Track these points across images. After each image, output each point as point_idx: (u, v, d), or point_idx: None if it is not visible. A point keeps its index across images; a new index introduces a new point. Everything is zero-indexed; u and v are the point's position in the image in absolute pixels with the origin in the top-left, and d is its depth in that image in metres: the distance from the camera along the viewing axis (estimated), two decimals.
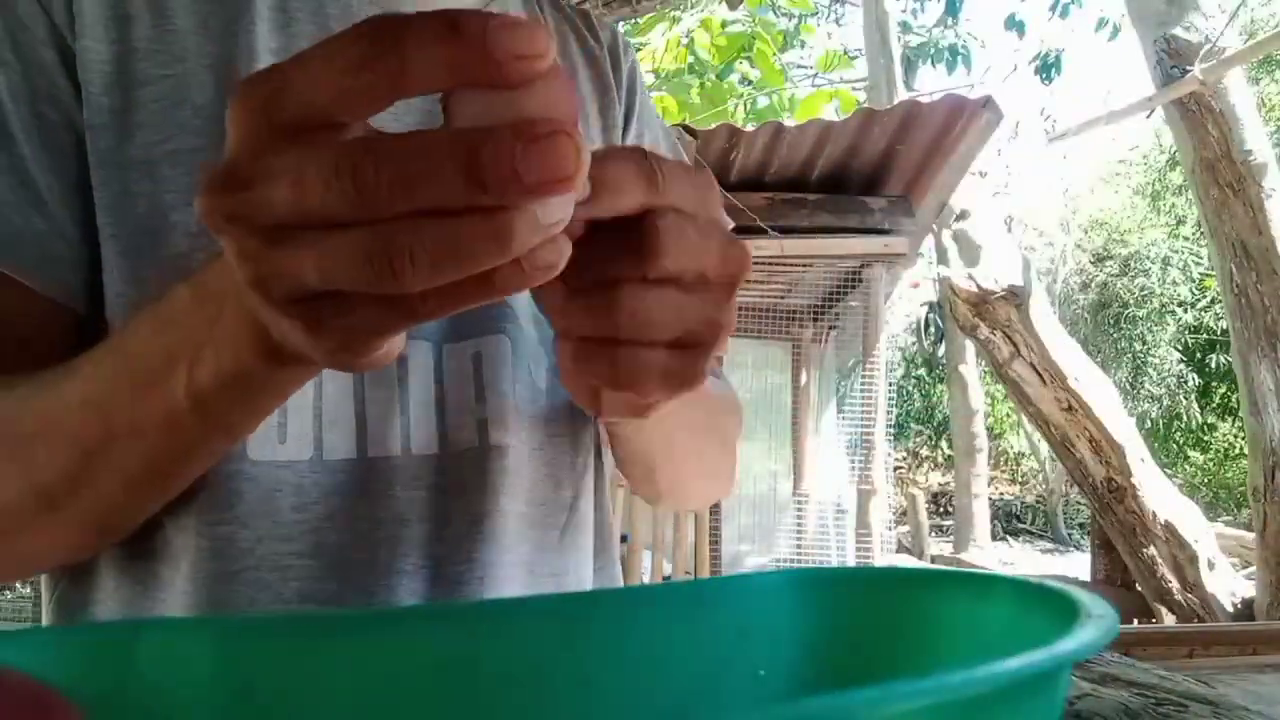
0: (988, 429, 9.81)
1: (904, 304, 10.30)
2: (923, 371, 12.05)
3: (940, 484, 12.30)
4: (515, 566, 0.58)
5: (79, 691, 0.25)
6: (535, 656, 0.38)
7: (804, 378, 5.44)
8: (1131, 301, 10.73)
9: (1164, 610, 4.60)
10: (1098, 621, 0.25)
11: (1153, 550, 4.66)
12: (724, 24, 7.16)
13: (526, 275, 0.28)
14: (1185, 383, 10.72)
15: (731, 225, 0.37)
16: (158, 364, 0.40)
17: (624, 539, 3.50)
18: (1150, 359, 10.68)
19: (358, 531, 0.54)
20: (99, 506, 0.47)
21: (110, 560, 0.55)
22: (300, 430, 0.53)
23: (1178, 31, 4.20)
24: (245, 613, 0.51)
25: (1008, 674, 0.21)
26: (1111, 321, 10.85)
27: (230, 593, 0.51)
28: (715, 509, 4.08)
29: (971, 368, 8.84)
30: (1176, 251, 10.78)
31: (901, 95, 6.85)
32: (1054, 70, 10.00)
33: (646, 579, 3.61)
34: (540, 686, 0.38)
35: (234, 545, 0.52)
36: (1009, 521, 11.46)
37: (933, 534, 9.60)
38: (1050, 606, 0.29)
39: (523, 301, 0.60)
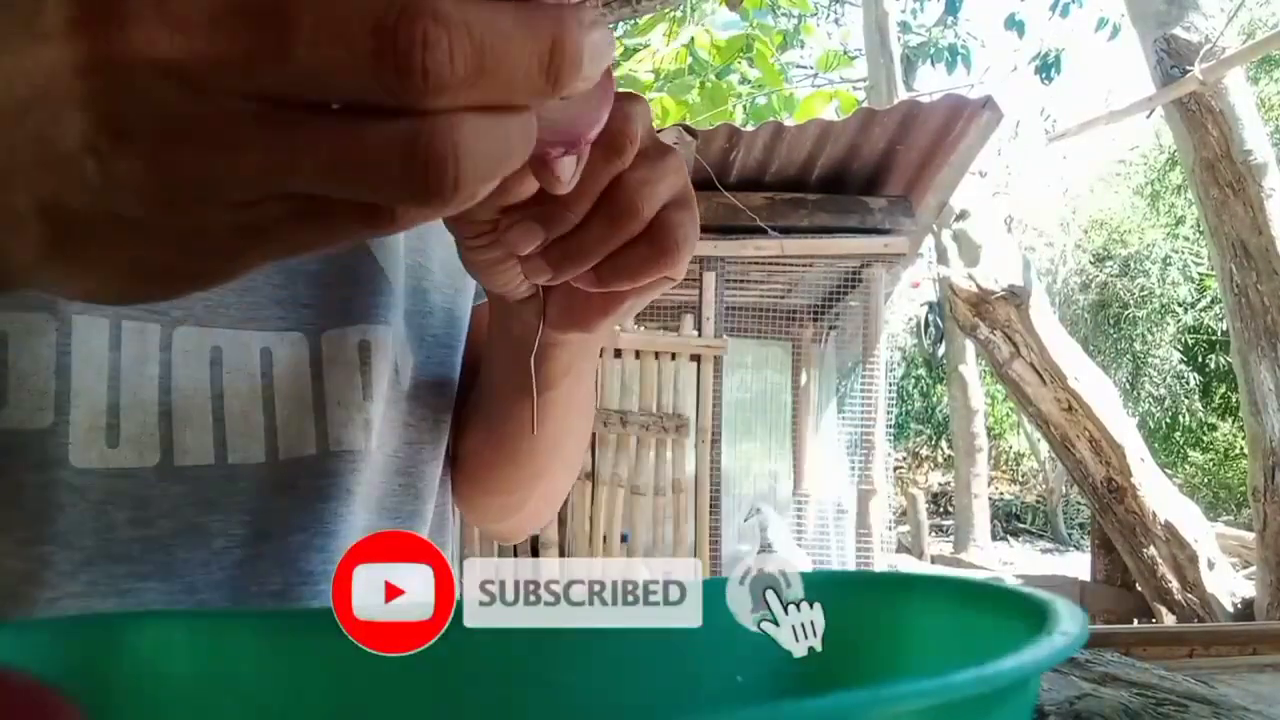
0: (988, 429, 9.81)
1: (904, 304, 10.30)
2: (923, 371, 12.05)
3: (940, 484, 12.29)
4: None
5: (70, 685, 0.25)
6: (503, 660, 0.38)
7: (804, 378, 5.45)
8: (1131, 302, 10.73)
9: (1164, 610, 4.60)
10: (1065, 633, 0.26)
11: (1153, 550, 4.66)
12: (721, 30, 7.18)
13: None
14: (1185, 383, 10.72)
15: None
16: None
17: (624, 539, 3.50)
18: (1150, 359, 10.69)
19: (214, 550, 0.46)
20: None
21: None
22: (138, 432, 0.44)
23: (1178, 31, 4.20)
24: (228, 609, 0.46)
25: (978, 680, 0.22)
26: (1111, 321, 10.85)
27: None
28: (715, 509, 4.06)
29: (971, 368, 8.84)
30: (1176, 251, 10.78)
31: (901, 95, 6.85)
32: (1054, 70, 9.99)
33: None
34: (508, 689, 0.38)
35: (53, 569, 0.42)
36: (1009, 521, 11.46)
37: (933, 534, 9.60)
38: (1025, 612, 0.30)
39: (401, 291, 0.54)
